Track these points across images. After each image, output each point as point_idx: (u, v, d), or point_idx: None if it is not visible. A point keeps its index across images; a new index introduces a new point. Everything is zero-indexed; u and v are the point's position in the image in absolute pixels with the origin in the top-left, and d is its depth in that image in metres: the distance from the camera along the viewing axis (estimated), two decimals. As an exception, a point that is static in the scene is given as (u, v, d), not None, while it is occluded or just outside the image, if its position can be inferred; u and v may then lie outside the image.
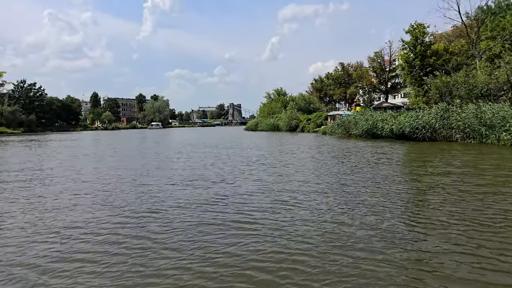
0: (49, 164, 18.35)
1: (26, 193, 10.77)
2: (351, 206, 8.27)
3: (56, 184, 12.35)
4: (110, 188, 11.30)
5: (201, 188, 11.19)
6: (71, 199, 9.86)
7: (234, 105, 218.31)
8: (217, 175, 13.56)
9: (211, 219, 7.57)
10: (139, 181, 12.75)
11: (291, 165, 15.97)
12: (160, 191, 10.73)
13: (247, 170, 14.83)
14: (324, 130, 44.07)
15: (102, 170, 15.69)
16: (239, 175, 13.55)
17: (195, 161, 18.75)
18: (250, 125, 79.85)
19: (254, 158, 19.10)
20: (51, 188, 11.51)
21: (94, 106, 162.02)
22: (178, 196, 9.98)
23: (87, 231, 6.95)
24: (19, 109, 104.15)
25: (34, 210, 8.74)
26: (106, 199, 9.76)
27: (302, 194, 9.76)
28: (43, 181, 12.89)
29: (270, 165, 16.23)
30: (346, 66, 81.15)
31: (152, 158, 20.86)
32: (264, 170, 14.64)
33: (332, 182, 11.34)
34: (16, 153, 26.55)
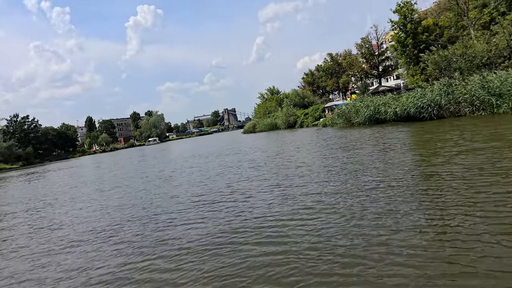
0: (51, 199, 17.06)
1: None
2: (393, 208, 7.02)
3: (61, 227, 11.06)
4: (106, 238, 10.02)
5: (221, 211, 9.89)
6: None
7: (228, 110, 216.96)
8: (235, 190, 12.27)
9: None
10: (146, 219, 11.46)
11: (303, 164, 14.69)
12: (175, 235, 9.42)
13: (265, 178, 13.55)
14: (324, 122, 42.86)
15: (101, 207, 14.39)
16: (258, 186, 12.27)
17: (203, 176, 17.44)
18: (248, 127, 78.47)
19: (261, 161, 17.83)
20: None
21: (89, 130, 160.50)
22: (198, 234, 8.64)
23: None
24: (15, 143, 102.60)
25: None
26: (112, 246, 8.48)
27: (329, 196, 8.51)
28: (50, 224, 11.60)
29: (282, 166, 14.95)
30: (335, 56, 79.96)
31: (157, 182, 19.56)
32: (278, 173, 13.36)
33: (355, 180, 10.09)
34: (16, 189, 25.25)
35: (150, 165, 29.10)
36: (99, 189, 17.76)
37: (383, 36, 67.65)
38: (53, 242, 8.59)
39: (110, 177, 23.87)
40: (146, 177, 19.82)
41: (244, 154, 25.48)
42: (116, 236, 8.22)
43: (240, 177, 13.86)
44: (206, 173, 17.15)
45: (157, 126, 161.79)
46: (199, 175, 16.63)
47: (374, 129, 26.35)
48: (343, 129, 31.96)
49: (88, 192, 16.84)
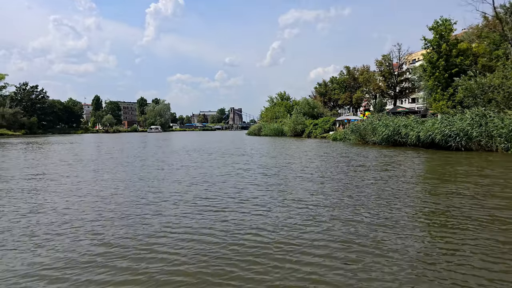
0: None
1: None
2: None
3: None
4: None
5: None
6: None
7: (235, 110, 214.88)
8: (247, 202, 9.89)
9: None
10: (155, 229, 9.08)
11: (328, 181, 12.31)
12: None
13: (283, 190, 11.16)
14: (334, 136, 40.43)
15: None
16: (273, 199, 9.89)
17: (207, 178, 15.06)
18: (253, 129, 76.17)
19: (273, 168, 15.44)
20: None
21: (95, 109, 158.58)
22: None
23: None
24: (20, 111, 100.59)
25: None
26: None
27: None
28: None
29: (300, 178, 12.55)
30: (352, 70, 77.63)
31: (155, 183, 17.19)
32: (304, 189, 10.97)
33: (403, 205, 7.70)
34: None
35: (150, 154, 26.76)
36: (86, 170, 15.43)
37: (405, 57, 65.50)
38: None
39: (106, 159, 21.56)
40: (145, 170, 17.47)
41: (250, 156, 23.12)
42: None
43: (251, 183, 11.51)
44: (210, 176, 14.77)
45: (162, 115, 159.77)
46: (203, 175, 14.27)
47: (392, 151, 23.93)
48: (357, 146, 29.53)
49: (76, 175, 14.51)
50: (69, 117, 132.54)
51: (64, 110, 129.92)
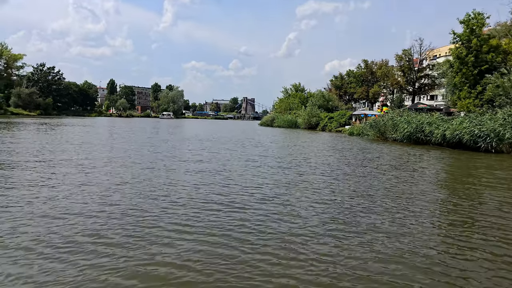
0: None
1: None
2: None
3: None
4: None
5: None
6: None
7: (248, 99, 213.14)
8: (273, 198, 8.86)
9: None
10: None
11: (353, 179, 11.18)
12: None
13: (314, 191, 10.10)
14: (351, 130, 38.99)
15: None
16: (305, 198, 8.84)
17: (223, 169, 14.07)
18: (266, 120, 74.90)
19: (290, 161, 14.34)
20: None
21: (110, 92, 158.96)
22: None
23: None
24: (36, 91, 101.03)
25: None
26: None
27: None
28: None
29: (330, 177, 11.45)
30: (370, 64, 75.37)
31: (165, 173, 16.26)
32: (331, 187, 9.89)
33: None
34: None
35: (162, 140, 25.92)
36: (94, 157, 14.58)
37: (426, 52, 63.08)
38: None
39: (116, 143, 20.77)
40: (154, 158, 16.57)
41: (266, 148, 22.03)
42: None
43: (271, 180, 10.46)
44: (227, 167, 13.76)
45: (175, 101, 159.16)
46: (219, 167, 13.27)
47: (418, 149, 22.54)
48: (376, 142, 28.16)
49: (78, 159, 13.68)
50: (84, 99, 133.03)
51: (79, 93, 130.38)
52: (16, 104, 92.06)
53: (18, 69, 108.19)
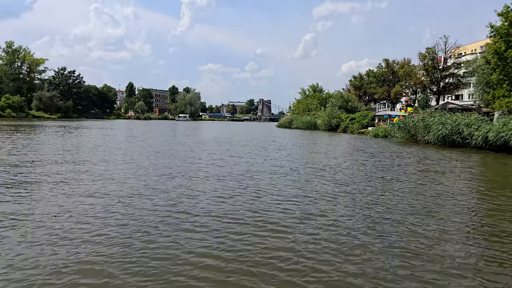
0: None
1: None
2: None
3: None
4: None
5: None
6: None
7: (264, 101, 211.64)
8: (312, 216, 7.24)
9: None
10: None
11: (399, 189, 9.44)
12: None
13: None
14: (375, 132, 36.84)
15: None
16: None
17: (251, 178, 12.54)
18: (283, 122, 73.11)
19: (322, 166, 12.67)
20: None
21: (129, 95, 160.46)
22: None
23: None
24: (57, 94, 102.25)
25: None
26: None
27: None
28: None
29: (371, 186, 9.76)
30: (391, 63, 72.60)
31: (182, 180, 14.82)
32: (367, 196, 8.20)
33: None
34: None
35: (179, 143, 24.62)
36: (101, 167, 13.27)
37: (452, 50, 60.08)
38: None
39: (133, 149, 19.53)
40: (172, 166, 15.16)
41: (289, 151, 20.38)
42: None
43: (304, 191, 8.84)
44: (250, 175, 12.19)
45: (192, 103, 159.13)
46: (244, 174, 11.73)
47: (457, 153, 20.45)
48: (407, 145, 26.09)
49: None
50: (103, 102, 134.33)
51: (98, 96, 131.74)
52: (38, 107, 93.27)
53: (40, 73, 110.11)
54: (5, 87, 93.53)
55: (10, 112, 78.75)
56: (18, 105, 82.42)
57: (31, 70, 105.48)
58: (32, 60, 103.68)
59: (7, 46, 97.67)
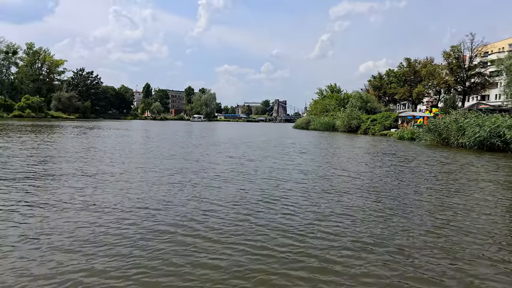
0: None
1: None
2: None
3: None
4: None
5: None
6: None
7: (279, 102, 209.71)
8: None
9: None
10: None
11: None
12: None
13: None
14: (400, 134, 34.62)
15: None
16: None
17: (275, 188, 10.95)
18: (300, 122, 71.09)
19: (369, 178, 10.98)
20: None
21: (146, 96, 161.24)
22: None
23: None
24: (75, 95, 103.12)
25: None
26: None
27: None
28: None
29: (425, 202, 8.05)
30: (413, 62, 69.71)
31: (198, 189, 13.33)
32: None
33: None
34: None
35: (195, 145, 23.25)
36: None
37: (478, 48, 57.05)
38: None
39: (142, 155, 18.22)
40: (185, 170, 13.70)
41: (314, 155, 18.66)
42: None
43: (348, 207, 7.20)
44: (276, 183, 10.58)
45: (208, 104, 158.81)
46: (269, 183, 10.15)
47: (499, 158, 18.34)
48: (439, 149, 23.97)
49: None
50: (120, 103, 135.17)
51: (116, 96, 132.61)
52: (57, 108, 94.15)
53: (60, 74, 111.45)
54: (26, 88, 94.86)
55: (30, 112, 79.52)
56: (37, 106, 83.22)
57: (50, 71, 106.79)
58: (51, 61, 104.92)
59: (28, 47, 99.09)
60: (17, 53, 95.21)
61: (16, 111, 77.45)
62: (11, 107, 78.70)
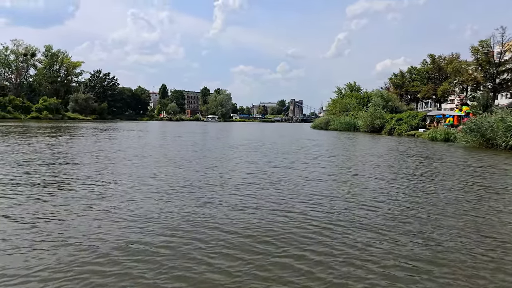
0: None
1: None
2: None
3: None
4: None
5: None
6: None
7: (295, 102, 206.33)
8: None
9: None
10: None
11: None
12: None
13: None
14: (433, 135, 31.51)
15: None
16: None
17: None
18: (319, 123, 68.10)
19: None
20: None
21: (162, 97, 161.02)
22: None
23: None
24: (92, 96, 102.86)
25: None
26: None
27: None
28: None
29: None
30: (438, 59, 65.88)
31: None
32: None
33: None
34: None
35: (209, 149, 21.01)
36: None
37: (510, 43, 52.97)
38: None
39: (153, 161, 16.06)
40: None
41: (344, 160, 16.07)
42: None
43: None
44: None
45: (224, 105, 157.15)
46: (307, 200, 7.76)
47: None
48: (483, 152, 21.00)
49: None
50: (136, 104, 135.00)
51: (132, 97, 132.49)
52: (74, 109, 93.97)
53: (77, 75, 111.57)
54: (44, 90, 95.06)
55: (47, 114, 79.35)
56: (54, 107, 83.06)
57: (68, 73, 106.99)
58: (69, 63, 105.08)
59: (46, 50, 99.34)
60: (35, 55, 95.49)
61: (34, 113, 77.34)
62: (28, 109, 78.66)
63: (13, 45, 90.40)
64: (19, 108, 76.95)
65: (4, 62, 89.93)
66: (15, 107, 75.61)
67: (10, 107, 74.40)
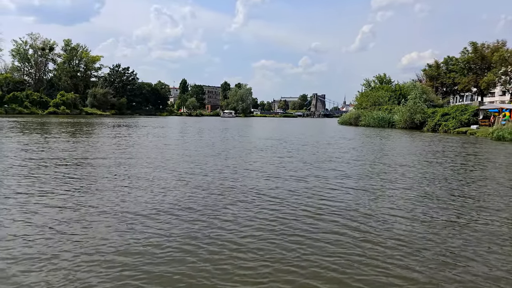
0: None
1: None
2: None
3: None
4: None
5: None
6: None
7: (318, 96, 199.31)
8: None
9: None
10: None
11: None
12: None
13: None
14: (500, 133, 25.84)
15: None
16: None
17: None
18: (348, 118, 62.56)
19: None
20: None
21: (182, 92, 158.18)
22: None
23: None
24: (110, 91, 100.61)
25: None
26: None
27: None
28: None
29: None
30: (480, 47, 58.91)
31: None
32: None
33: None
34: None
35: (229, 151, 16.63)
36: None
37: None
38: None
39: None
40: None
41: (419, 170, 11.22)
42: None
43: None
44: None
45: (244, 99, 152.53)
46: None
47: None
48: None
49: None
50: (156, 99, 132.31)
51: (151, 92, 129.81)
52: (92, 104, 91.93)
53: (96, 70, 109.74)
54: (63, 84, 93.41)
55: (64, 109, 77.29)
56: (72, 102, 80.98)
57: (87, 68, 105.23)
58: (88, 57, 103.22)
59: (65, 44, 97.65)
60: (53, 50, 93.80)
61: (51, 108, 75.38)
62: (46, 104, 76.78)
63: (30, 39, 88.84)
64: (36, 103, 75.12)
65: (23, 56, 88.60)
66: (32, 102, 73.77)
67: (28, 102, 72.58)
